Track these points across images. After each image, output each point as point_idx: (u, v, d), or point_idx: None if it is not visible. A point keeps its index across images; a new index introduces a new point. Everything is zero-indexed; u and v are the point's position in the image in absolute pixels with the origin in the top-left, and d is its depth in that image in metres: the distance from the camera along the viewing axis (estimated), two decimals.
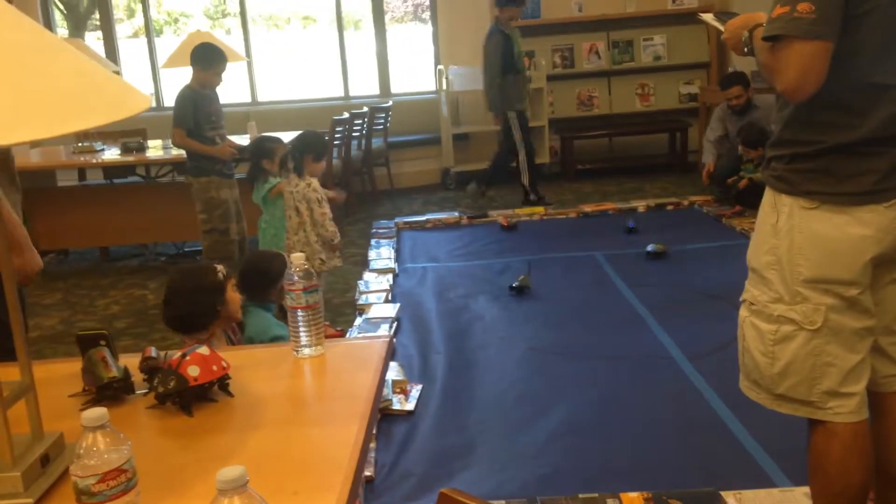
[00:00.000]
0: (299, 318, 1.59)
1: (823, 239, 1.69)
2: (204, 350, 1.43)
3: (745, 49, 1.79)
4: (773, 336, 1.77)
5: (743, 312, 1.86)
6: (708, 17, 2.12)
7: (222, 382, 1.45)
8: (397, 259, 5.20)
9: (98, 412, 0.96)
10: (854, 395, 1.73)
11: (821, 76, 1.60)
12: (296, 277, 1.57)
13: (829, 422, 1.75)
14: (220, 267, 2.71)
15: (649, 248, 4.91)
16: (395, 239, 5.72)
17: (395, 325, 3.96)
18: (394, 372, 3.34)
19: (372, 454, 2.70)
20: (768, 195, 1.82)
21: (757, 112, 5.88)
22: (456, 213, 6.27)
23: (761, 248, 1.81)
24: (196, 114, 4.58)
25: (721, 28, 1.93)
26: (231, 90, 7.52)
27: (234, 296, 2.82)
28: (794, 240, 1.73)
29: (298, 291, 1.58)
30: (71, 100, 0.99)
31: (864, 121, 1.65)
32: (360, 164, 7.05)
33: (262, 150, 4.39)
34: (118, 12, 12.71)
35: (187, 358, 1.40)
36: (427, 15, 8.08)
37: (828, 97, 1.63)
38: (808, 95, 1.62)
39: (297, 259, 1.59)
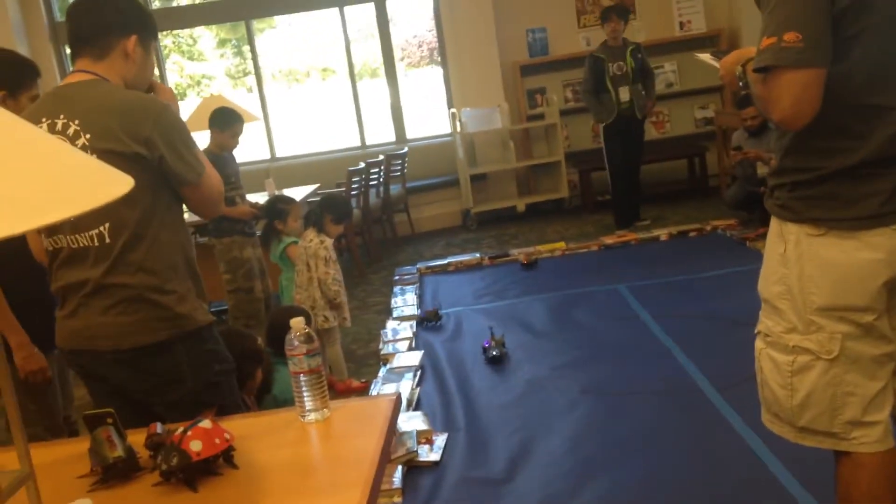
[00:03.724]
0: (303, 383, 1.58)
1: (833, 265, 1.66)
2: (206, 423, 1.42)
3: (741, 83, 1.77)
4: (790, 367, 1.73)
5: (759, 344, 1.82)
6: (704, 57, 2.12)
7: (227, 455, 1.44)
8: (420, 305, 5.19)
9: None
10: (878, 424, 1.68)
11: (816, 103, 1.58)
12: (296, 343, 1.57)
13: (855, 452, 1.69)
14: (260, 339, 2.77)
15: (494, 352, 4.03)
16: (418, 284, 5.71)
17: (418, 373, 3.94)
18: (418, 422, 3.31)
19: None
20: (774, 224, 1.79)
21: (772, 133, 5.82)
22: (477, 255, 6.26)
23: (771, 277, 1.78)
24: None
25: (717, 66, 1.92)
26: (250, 148, 7.64)
27: (260, 374, 2.85)
28: (804, 268, 1.69)
29: (300, 356, 1.57)
30: (45, 191, 1.00)
31: (863, 143, 1.62)
32: (380, 211, 7.09)
33: (274, 211, 4.45)
34: None
35: (189, 433, 1.39)
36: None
37: (826, 122, 1.61)
38: (804, 123, 1.60)
39: (296, 323, 1.59)
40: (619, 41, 6.44)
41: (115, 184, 1.11)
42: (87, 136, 1.83)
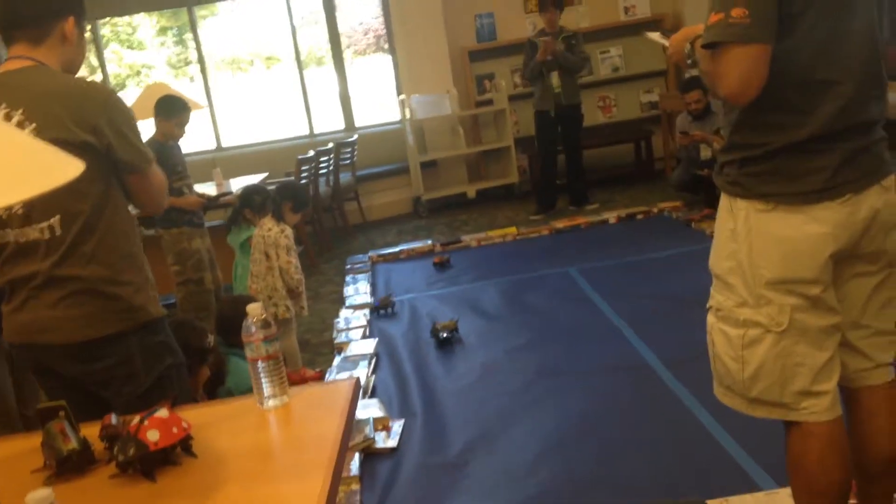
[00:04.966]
0: (261, 370, 1.56)
1: (782, 240, 1.69)
2: (163, 413, 1.40)
3: (689, 61, 1.80)
4: (741, 340, 1.76)
5: (710, 319, 1.86)
6: (654, 36, 2.14)
7: (185, 444, 1.42)
8: (373, 293, 5.17)
9: (42, 493, 0.93)
10: (826, 394, 1.73)
11: (762, 78, 1.60)
12: (253, 329, 1.55)
13: (805, 422, 1.74)
14: (212, 336, 2.72)
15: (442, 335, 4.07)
16: (371, 273, 5.69)
17: (373, 360, 3.93)
18: (375, 409, 3.30)
19: (357, 496, 2.66)
20: (724, 200, 1.82)
21: (714, 117, 5.94)
22: (429, 242, 6.25)
23: (721, 253, 1.81)
24: (162, 166, 4.54)
25: (666, 44, 1.94)
26: (195, 138, 7.52)
27: (206, 371, 2.81)
28: (753, 243, 1.72)
29: (258, 342, 1.55)
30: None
31: (809, 119, 1.65)
32: (330, 200, 7.04)
33: (249, 201, 4.38)
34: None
35: (146, 423, 1.37)
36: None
37: (772, 98, 1.64)
38: (750, 98, 1.63)
39: (253, 309, 1.57)
40: (556, 28, 6.54)
41: (66, 167, 1.08)
42: (34, 125, 1.77)
